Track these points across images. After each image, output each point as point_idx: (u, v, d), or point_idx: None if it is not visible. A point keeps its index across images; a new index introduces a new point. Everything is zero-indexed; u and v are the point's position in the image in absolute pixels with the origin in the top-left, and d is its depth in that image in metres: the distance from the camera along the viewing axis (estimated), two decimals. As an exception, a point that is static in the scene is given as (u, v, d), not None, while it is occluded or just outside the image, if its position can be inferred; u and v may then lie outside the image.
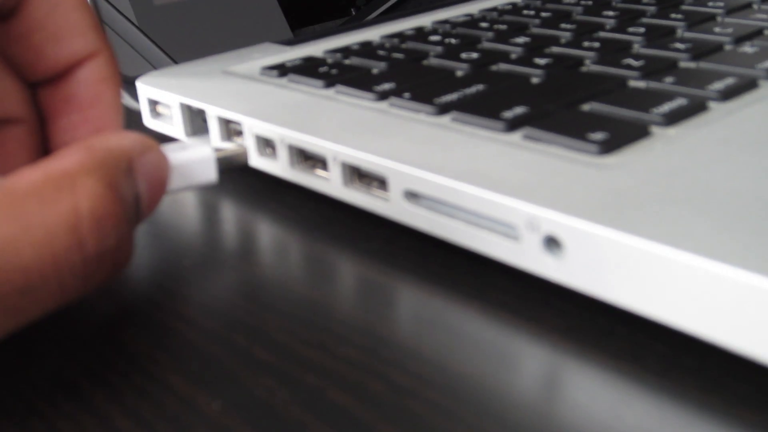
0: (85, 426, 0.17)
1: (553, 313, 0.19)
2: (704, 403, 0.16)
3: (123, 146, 0.19)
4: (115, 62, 0.23)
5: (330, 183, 0.25)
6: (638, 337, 0.18)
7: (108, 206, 0.17)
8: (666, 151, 0.21)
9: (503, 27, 0.36)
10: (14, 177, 0.17)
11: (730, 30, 0.32)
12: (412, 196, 0.22)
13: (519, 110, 0.24)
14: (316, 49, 0.36)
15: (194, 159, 0.23)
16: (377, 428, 0.16)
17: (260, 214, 0.27)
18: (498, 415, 0.16)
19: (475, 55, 0.32)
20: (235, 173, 0.29)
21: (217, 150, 0.24)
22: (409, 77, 0.30)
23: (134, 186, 0.19)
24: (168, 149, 0.22)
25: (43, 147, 0.24)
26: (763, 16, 0.34)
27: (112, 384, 0.18)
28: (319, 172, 0.25)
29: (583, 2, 0.40)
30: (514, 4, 0.41)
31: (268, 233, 0.26)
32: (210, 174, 0.23)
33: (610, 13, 0.37)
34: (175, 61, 0.42)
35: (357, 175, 0.24)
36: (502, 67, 0.30)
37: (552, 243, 0.19)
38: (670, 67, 0.28)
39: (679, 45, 0.30)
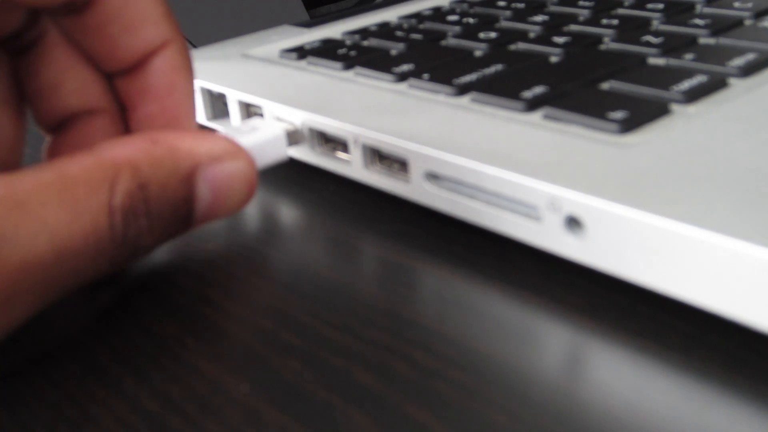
0: (116, 409, 0.17)
1: (576, 292, 0.20)
2: (727, 380, 0.16)
3: (193, 149, 0.19)
4: (187, 50, 0.23)
5: (351, 165, 0.25)
6: (660, 315, 0.18)
7: (135, 204, 0.18)
8: (686, 129, 0.21)
9: (521, 6, 0.36)
10: (68, 161, 0.18)
11: (749, 5, 0.32)
12: (433, 177, 0.22)
13: (538, 90, 0.24)
14: (334, 30, 0.36)
15: (266, 139, 0.23)
16: (404, 408, 0.16)
17: (282, 197, 0.27)
18: (522, 393, 0.16)
19: (493, 34, 0.32)
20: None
21: (287, 126, 0.24)
22: (427, 58, 0.30)
23: (188, 190, 0.19)
24: (239, 131, 0.22)
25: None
26: (784, -11, 0.34)
27: (141, 367, 0.19)
28: (340, 154, 0.25)
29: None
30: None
31: (290, 217, 0.26)
32: (281, 151, 0.24)
33: (629, -11, 0.37)
34: (194, 45, 0.42)
35: (378, 157, 0.24)
36: (521, 46, 0.30)
37: (573, 223, 0.19)
38: (690, 43, 0.28)
39: (698, 21, 0.30)
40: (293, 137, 0.26)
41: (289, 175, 0.28)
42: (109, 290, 0.22)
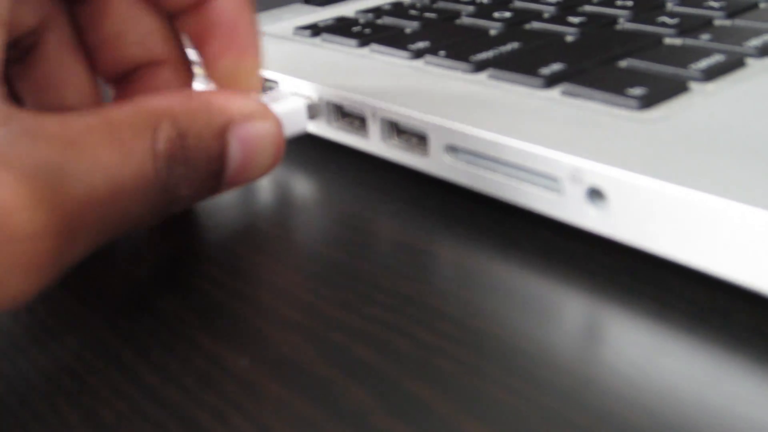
0: (115, 381, 0.17)
1: (581, 268, 0.20)
2: (749, 352, 0.16)
3: (226, 105, 0.20)
4: None
5: (369, 140, 0.25)
6: (689, 286, 0.18)
7: (175, 151, 0.18)
8: (706, 106, 0.21)
9: (534, -13, 0.36)
10: (111, 108, 0.18)
11: (764, -12, 0.32)
12: (452, 150, 0.22)
13: (556, 67, 0.25)
14: (348, 9, 0.36)
15: (287, 111, 0.24)
16: (404, 384, 0.16)
17: (288, 173, 0.27)
18: (524, 370, 0.16)
19: (507, 14, 0.32)
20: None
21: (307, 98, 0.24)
22: (442, 36, 0.30)
23: (221, 145, 0.19)
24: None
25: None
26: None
27: (140, 341, 0.19)
28: (358, 129, 0.25)
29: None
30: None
31: (292, 193, 0.26)
32: (302, 124, 0.25)
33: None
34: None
35: (395, 131, 0.24)
36: (536, 25, 0.30)
37: (595, 195, 0.19)
38: (706, 24, 0.28)
39: (713, 3, 0.30)
40: (312, 110, 0.26)
41: (301, 150, 0.28)
42: (107, 264, 0.22)
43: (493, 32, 0.30)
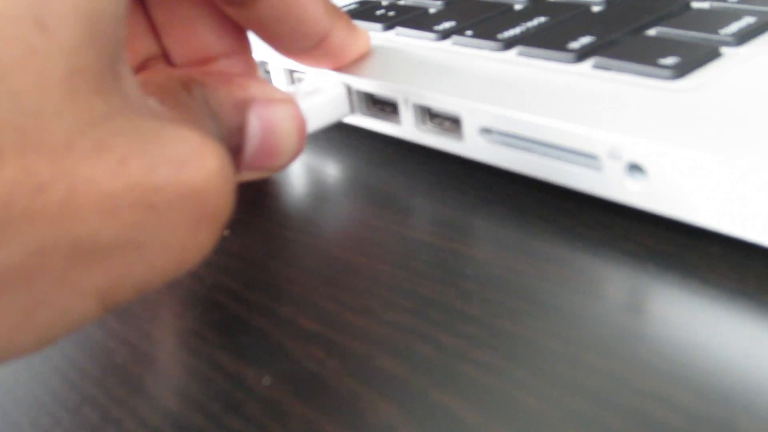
0: (137, 409, 0.17)
1: (615, 256, 0.20)
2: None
3: (247, 84, 0.20)
4: None
5: (402, 126, 0.25)
6: (732, 256, 0.18)
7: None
8: (739, 71, 0.21)
9: (555, -44, 0.36)
10: (150, 77, 0.18)
11: (790, -58, 0.31)
12: (487, 132, 0.22)
13: (585, 40, 0.24)
14: (369, -8, 0.36)
15: (330, 98, 0.25)
16: (429, 393, 0.16)
17: (296, 169, 0.27)
18: (551, 372, 0.16)
19: (531, -13, 0.32)
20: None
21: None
22: (467, 14, 0.30)
23: (240, 117, 0.19)
24: (303, 92, 0.23)
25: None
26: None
27: (161, 364, 0.18)
28: (390, 115, 0.25)
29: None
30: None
31: (310, 194, 0.26)
32: (344, 109, 0.25)
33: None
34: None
35: (428, 115, 0.24)
36: (560, -3, 0.30)
37: (635, 170, 0.19)
38: (733, -15, 0.28)
39: (739, -38, 0.30)
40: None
41: (324, 142, 0.28)
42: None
43: (518, 7, 0.30)
